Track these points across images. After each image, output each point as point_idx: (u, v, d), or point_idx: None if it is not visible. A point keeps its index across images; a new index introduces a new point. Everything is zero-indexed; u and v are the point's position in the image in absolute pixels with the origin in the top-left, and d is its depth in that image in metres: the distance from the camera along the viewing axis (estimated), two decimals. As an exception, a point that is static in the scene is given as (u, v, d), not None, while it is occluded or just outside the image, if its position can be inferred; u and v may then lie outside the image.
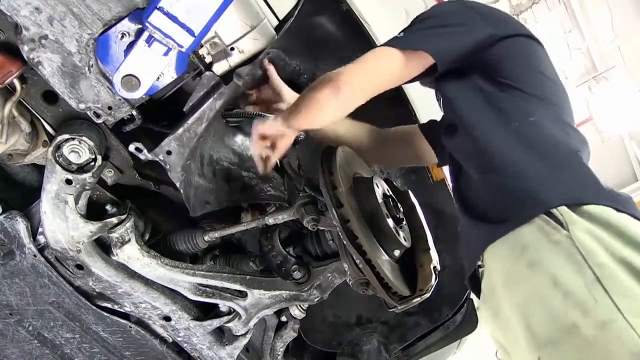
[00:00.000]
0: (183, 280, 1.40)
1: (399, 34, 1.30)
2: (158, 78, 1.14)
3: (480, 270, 1.18)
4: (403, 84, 1.37)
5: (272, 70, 1.46)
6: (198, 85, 1.22)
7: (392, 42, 1.27)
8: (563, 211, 0.99)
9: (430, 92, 1.52)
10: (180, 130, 1.22)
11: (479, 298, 1.21)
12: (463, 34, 1.28)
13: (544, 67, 1.32)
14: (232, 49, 1.23)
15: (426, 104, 1.68)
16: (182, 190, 1.29)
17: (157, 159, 1.22)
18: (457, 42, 1.28)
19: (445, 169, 1.71)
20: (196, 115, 1.21)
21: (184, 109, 1.24)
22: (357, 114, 1.85)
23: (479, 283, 1.20)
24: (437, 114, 1.55)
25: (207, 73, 1.22)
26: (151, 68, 1.10)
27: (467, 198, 1.25)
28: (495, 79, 1.27)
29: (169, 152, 1.22)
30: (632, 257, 0.90)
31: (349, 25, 1.65)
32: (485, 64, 1.29)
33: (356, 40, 1.59)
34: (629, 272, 0.88)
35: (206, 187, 1.41)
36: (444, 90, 1.36)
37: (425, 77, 1.33)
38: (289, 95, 1.49)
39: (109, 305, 1.46)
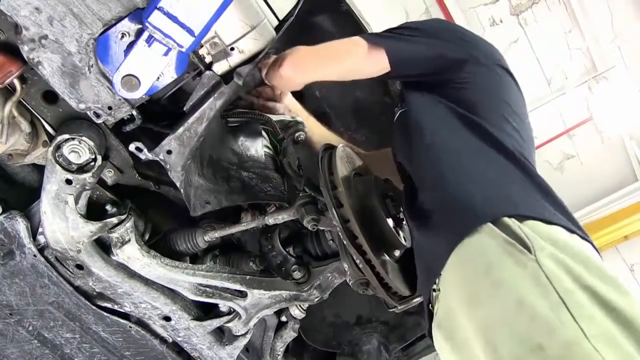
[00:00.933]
0: (183, 280, 1.40)
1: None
2: (158, 78, 1.13)
3: (434, 294, 1.16)
4: (368, 77, 1.42)
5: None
6: (198, 85, 1.22)
7: (364, 35, 1.36)
8: (529, 235, 0.98)
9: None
10: (181, 130, 1.21)
11: (430, 324, 1.19)
12: (427, 44, 1.34)
13: (511, 101, 1.34)
14: (232, 49, 1.23)
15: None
16: (182, 190, 1.29)
17: (158, 159, 1.22)
18: (417, 48, 1.34)
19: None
20: (197, 114, 1.21)
21: (184, 109, 1.24)
22: (366, 127, 1.85)
23: (431, 310, 1.18)
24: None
25: (208, 72, 1.21)
26: (151, 68, 1.10)
27: (421, 212, 1.23)
28: (457, 99, 1.30)
29: (169, 152, 1.22)
30: (596, 286, 0.91)
31: (349, 26, 1.65)
32: (451, 84, 1.33)
33: None
34: (593, 299, 0.89)
35: (206, 187, 1.41)
36: (408, 99, 1.39)
37: (389, 77, 1.41)
38: (288, 95, 1.50)
39: (109, 305, 1.46)
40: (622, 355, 0.82)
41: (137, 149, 1.21)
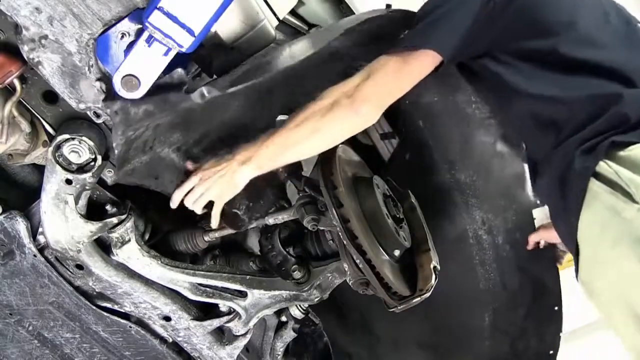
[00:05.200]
0: (183, 280, 1.40)
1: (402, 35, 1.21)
2: (158, 78, 1.13)
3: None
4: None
5: None
6: (167, 75, 1.16)
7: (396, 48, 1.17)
8: (626, 178, 0.96)
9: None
10: (130, 105, 1.14)
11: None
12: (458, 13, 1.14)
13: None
14: (232, 48, 1.23)
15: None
16: (116, 151, 1.18)
17: (108, 110, 1.14)
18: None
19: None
20: (150, 102, 1.15)
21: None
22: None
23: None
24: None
25: (179, 70, 1.16)
26: (151, 68, 1.10)
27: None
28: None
29: (116, 113, 1.14)
30: None
31: None
32: (500, 38, 1.17)
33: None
34: None
35: (178, 166, 1.32)
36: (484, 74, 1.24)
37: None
38: None
39: (109, 305, 1.46)
40: None
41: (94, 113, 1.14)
